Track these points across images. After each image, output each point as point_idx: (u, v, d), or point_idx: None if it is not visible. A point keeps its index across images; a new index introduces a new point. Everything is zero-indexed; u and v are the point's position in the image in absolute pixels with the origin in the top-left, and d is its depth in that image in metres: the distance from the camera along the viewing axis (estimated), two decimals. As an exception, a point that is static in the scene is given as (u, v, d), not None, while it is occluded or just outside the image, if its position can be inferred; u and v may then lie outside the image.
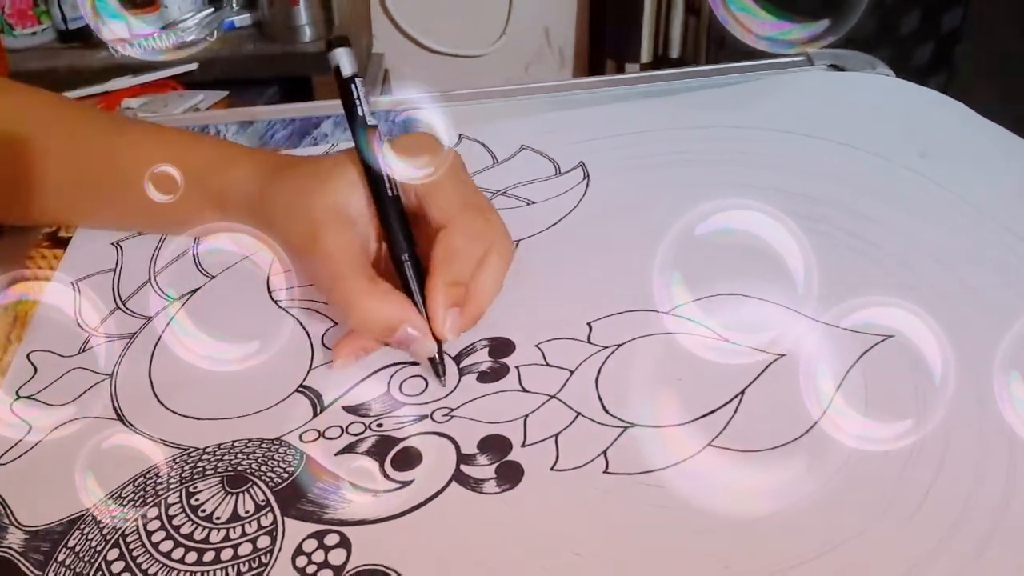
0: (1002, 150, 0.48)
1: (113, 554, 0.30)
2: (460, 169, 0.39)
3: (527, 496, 0.31)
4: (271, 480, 0.32)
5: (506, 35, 1.62)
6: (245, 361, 0.38)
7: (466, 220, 0.37)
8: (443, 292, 0.36)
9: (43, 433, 0.35)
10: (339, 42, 0.39)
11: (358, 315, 0.35)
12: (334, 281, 0.36)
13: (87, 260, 0.44)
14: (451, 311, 0.36)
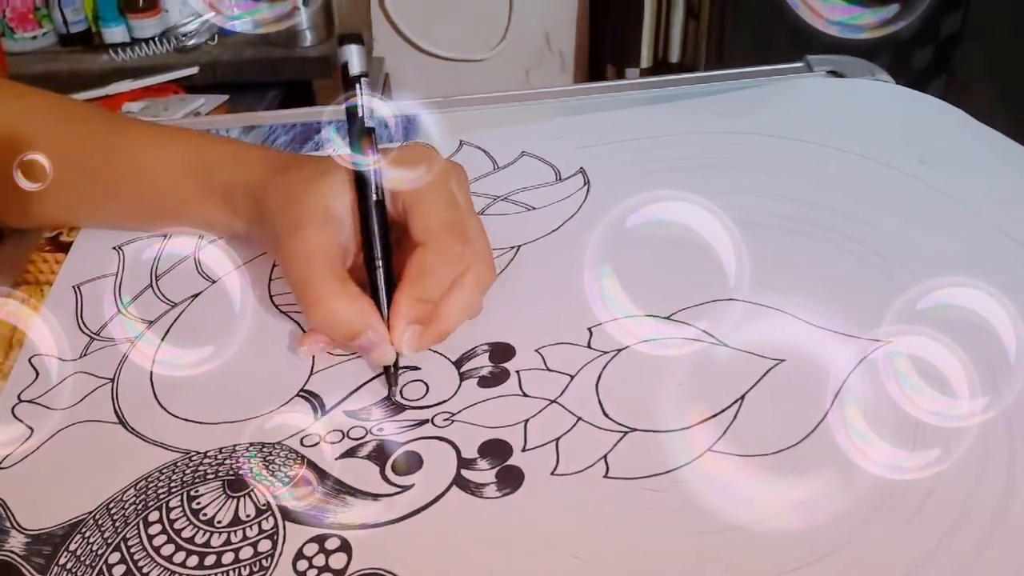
0: (1001, 156, 0.48)
1: (114, 557, 0.30)
2: (452, 186, 0.39)
3: (527, 500, 0.31)
4: (272, 484, 0.32)
5: (506, 39, 1.62)
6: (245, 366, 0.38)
7: (443, 241, 0.37)
8: (407, 306, 0.36)
9: (45, 437, 0.35)
10: (352, 39, 0.38)
11: (321, 315, 0.36)
12: (304, 279, 0.36)
13: (89, 264, 0.44)
14: (412, 327, 0.36)
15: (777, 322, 0.38)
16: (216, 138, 0.45)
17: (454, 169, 0.40)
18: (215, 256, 0.44)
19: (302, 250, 0.37)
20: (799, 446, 0.32)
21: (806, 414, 0.33)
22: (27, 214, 0.46)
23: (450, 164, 0.40)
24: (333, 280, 0.36)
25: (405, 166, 0.38)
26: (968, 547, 0.28)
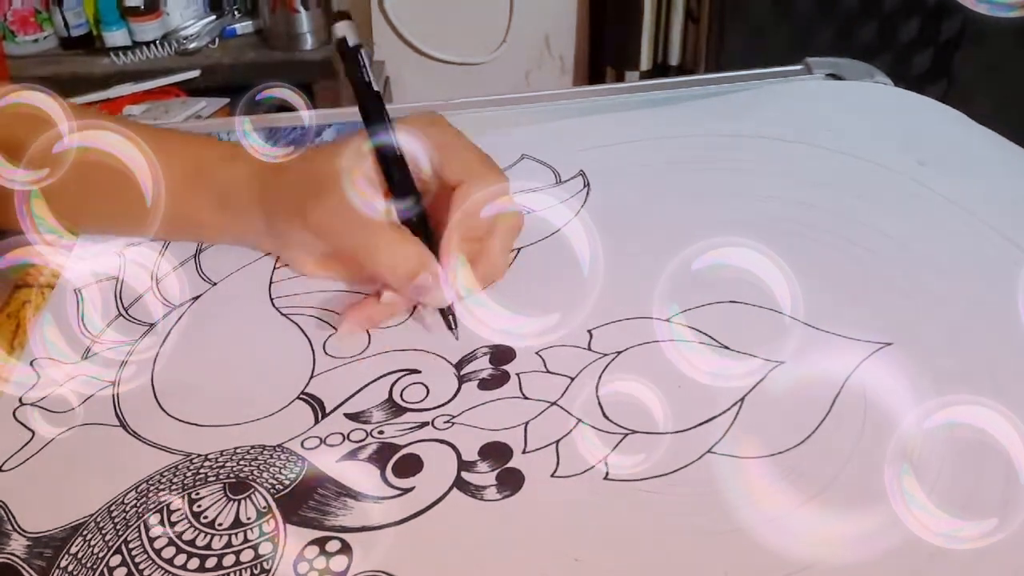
0: (1000, 157, 0.48)
1: (116, 560, 0.30)
2: (470, 142, 0.40)
3: (528, 503, 0.31)
4: (273, 487, 0.32)
5: (507, 43, 1.62)
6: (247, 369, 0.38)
7: (484, 173, 0.38)
8: (456, 243, 0.37)
9: (46, 440, 0.35)
10: (341, 16, 0.40)
11: (386, 258, 0.37)
12: (364, 227, 0.37)
13: (89, 268, 0.44)
14: (463, 265, 0.38)
15: (777, 324, 0.38)
16: (209, 140, 0.45)
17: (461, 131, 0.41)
18: (216, 259, 0.44)
19: (343, 208, 0.38)
20: (799, 448, 0.32)
21: (806, 416, 0.33)
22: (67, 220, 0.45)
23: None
24: (390, 226, 0.37)
25: (420, 127, 0.39)
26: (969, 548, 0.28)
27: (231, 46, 1.42)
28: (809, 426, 0.33)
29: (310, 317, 0.40)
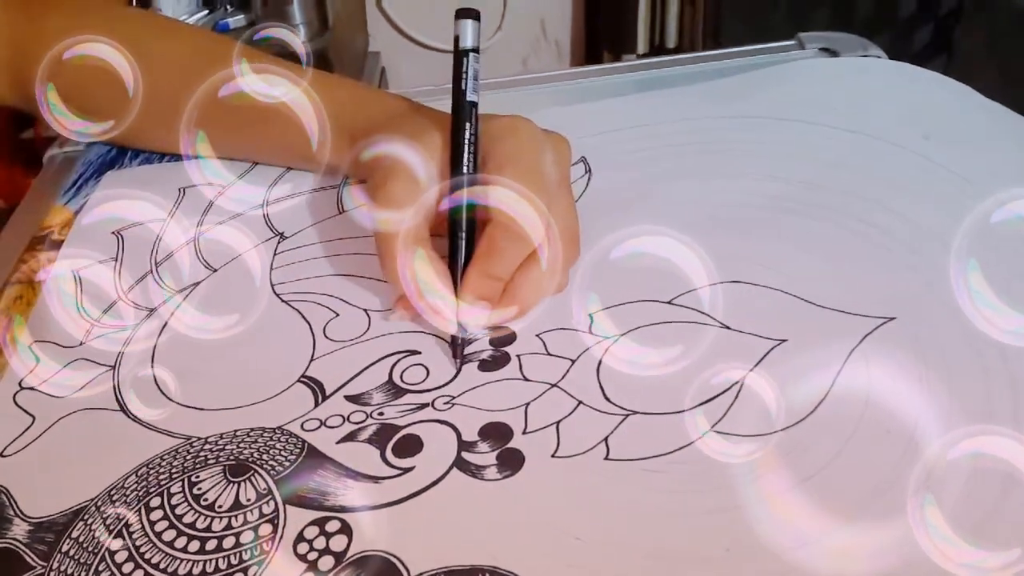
0: (1004, 129, 0.48)
1: (116, 544, 0.30)
2: (544, 162, 0.38)
3: (528, 482, 0.31)
4: (273, 468, 0.32)
5: (502, 29, 1.62)
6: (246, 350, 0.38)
7: (514, 217, 0.36)
8: (476, 282, 0.36)
9: (47, 424, 0.35)
10: (468, 13, 0.40)
11: (392, 272, 0.36)
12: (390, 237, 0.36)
13: (88, 249, 0.44)
14: (480, 304, 0.36)
15: (779, 303, 0.38)
16: (343, 80, 0.47)
17: (551, 142, 0.40)
18: (215, 243, 0.44)
19: (386, 204, 0.37)
20: (801, 425, 0.32)
21: (808, 394, 0.33)
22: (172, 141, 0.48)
23: (547, 137, 0.40)
24: (410, 240, 0.36)
25: (494, 136, 0.38)
26: (968, 523, 0.28)
27: (225, 37, 1.41)
28: (812, 403, 0.33)
29: (310, 302, 0.40)
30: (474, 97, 0.39)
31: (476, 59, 0.40)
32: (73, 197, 0.49)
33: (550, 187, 0.38)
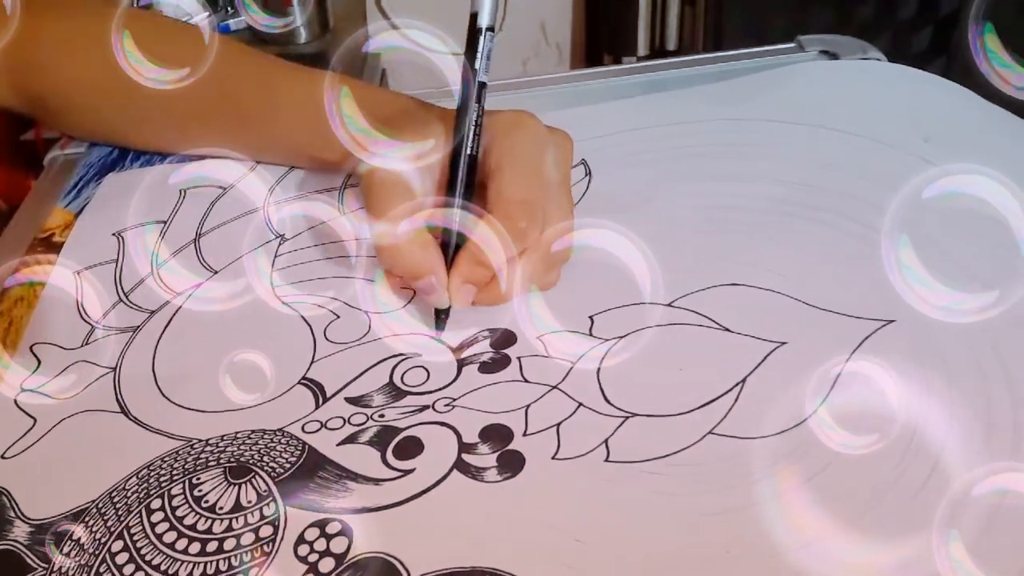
0: (1004, 131, 0.48)
1: (117, 545, 0.30)
2: (545, 159, 0.39)
3: (528, 484, 0.31)
4: (273, 470, 0.32)
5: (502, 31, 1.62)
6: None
7: (510, 215, 0.37)
8: (465, 268, 0.37)
9: (48, 426, 0.35)
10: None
11: (386, 250, 0.38)
12: (378, 212, 0.38)
13: (88, 251, 0.44)
14: (467, 286, 0.38)
15: (778, 305, 0.38)
16: (350, 81, 0.46)
17: (554, 139, 0.40)
18: (216, 245, 0.44)
19: (380, 184, 0.38)
20: (800, 427, 0.32)
21: (807, 396, 0.33)
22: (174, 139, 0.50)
23: (550, 134, 0.40)
24: (406, 218, 0.37)
25: (498, 130, 0.39)
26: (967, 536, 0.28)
27: (226, 40, 1.41)
28: (811, 406, 0.33)
29: (311, 304, 0.40)
30: (485, 78, 0.38)
31: (491, 38, 0.39)
32: (74, 199, 0.50)
33: (549, 186, 0.38)
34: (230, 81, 0.48)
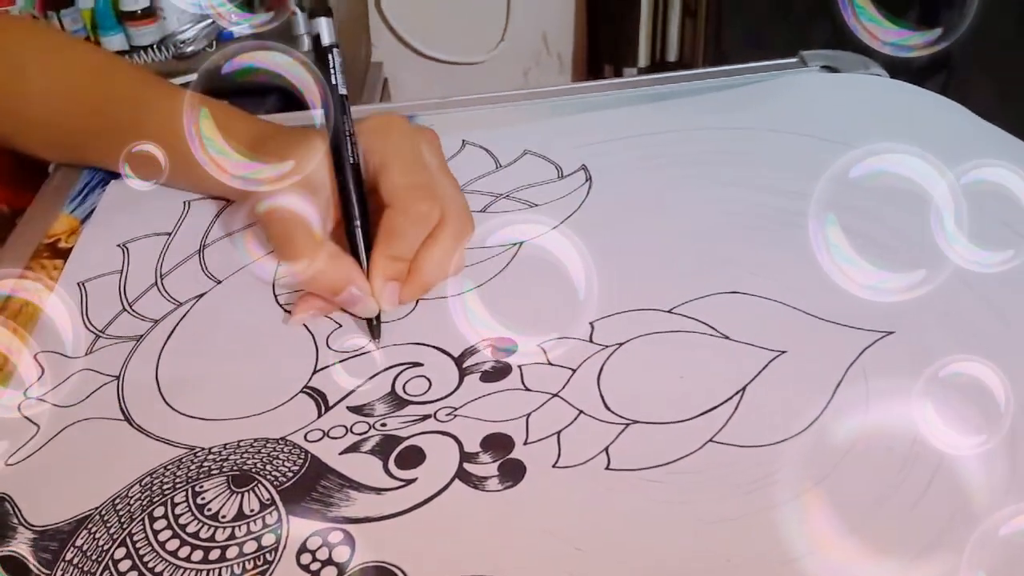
0: (1001, 150, 0.48)
1: (120, 553, 0.30)
2: (422, 150, 0.41)
3: (529, 493, 0.31)
4: (276, 479, 0.33)
5: (504, 41, 1.63)
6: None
7: (408, 201, 0.39)
8: (383, 264, 0.38)
9: (51, 434, 0.35)
10: (321, 11, 0.41)
11: (304, 272, 0.38)
12: (286, 239, 0.39)
13: (93, 262, 0.45)
14: (391, 284, 0.39)
15: (779, 314, 0.38)
16: (219, 104, 0.47)
17: (423, 134, 0.42)
18: (220, 256, 0.45)
19: (281, 211, 0.39)
20: (800, 437, 0.33)
21: (807, 405, 0.34)
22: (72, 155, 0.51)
23: (419, 130, 0.42)
24: (313, 239, 0.38)
25: (371, 133, 0.41)
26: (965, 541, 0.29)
27: (229, 48, 1.42)
28: (811, 415, 0.33)
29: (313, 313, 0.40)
30: (344, 90, 0.41)
31: (339, 54, 0.41)
32: (80, 205, 0.50)
33: (433, 172, 0.41)
34: (103, 97, 0.48)
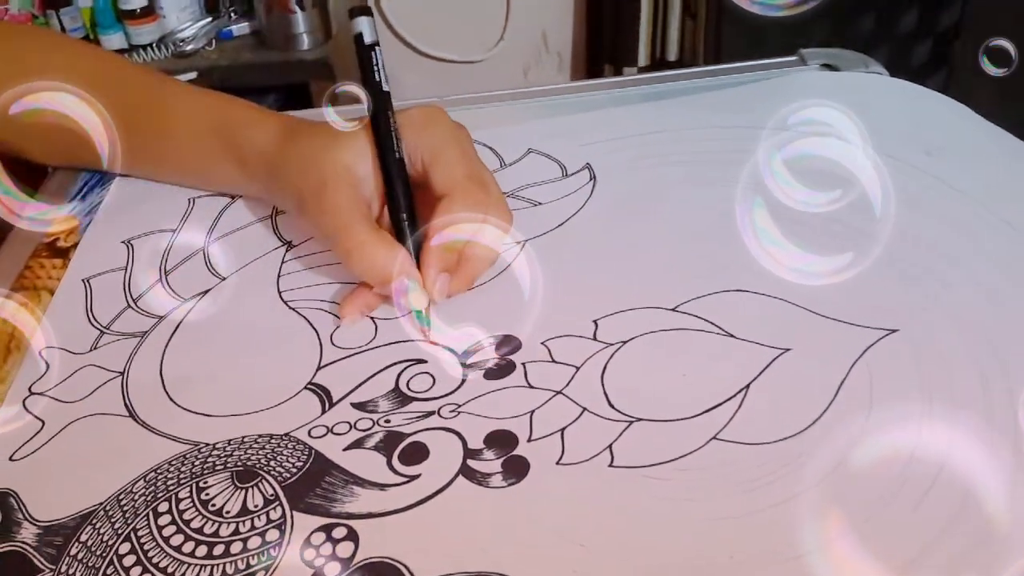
0: (1002, 149, 0.48)
1: (124, 548, 0.31)
2: (466, 143, 0.41)
3: (533, 490, 0.31)
4: (280, 475, 0.33)
5: (504, 40, 1.63)
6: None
7: (467, 189, 0.39)
8: (436, 255, 0.38)
9: (56, 429, 0.35)
10: (361, 11, 0.41)
11: (360, 262, 0.38)
12: (339, 230, 0.39)
13: (98, 258, 0.45)
14: (442, 275, 0.39)
15: (782, 312, 0.38)
16: (239, 101, 0.47)
17: (460, 127, 0.42)
18: (224, 252, 0.45)
19: (333, 205, 0.39)
20: (804, 434, 0.33)
21: (811, 403, 0.34)
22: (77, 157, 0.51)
23: (456, 123, 0.42)
24: (367, 230, 0.38)
25: (417, 126, 0.41)
26: (967, 539, 0.29)
27: (228, 48, 1.43)
28: (815, 412, 0.33)
29: (318, 310, 0.40)
30: (387, 87, 0.41)
31: (380, 52, 0.41)
32: (79, 204, 0.50)
33: (481, 166, 0.41)
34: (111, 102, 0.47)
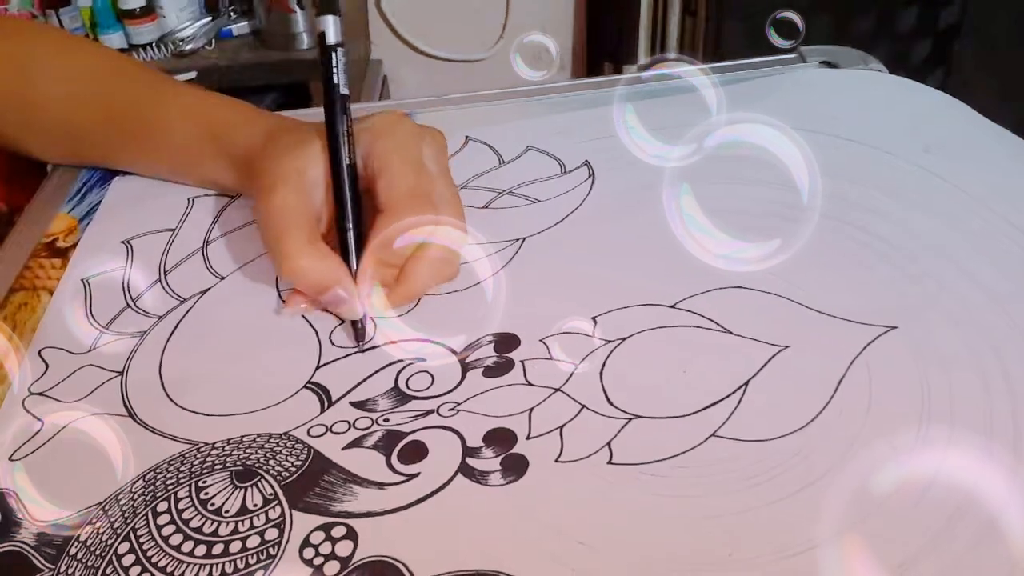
0: (1002, 147, 0.48)
1: (124, 547, 0.31)
2: (422, 152, 0.40)
3: (532, 487, 0.31)
4: (279, 474, 0.33)
5: (504, 39, 1.63)
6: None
7: (406, 207, 0.38)
8: (372, 268, 0.38)
9: (55, 429, 0.35)
10: (328, 8, 0.40)
11: (289, 270, 0.38)
12: (276, 235, 0.38)
13: (97, 258, 0.45)
14: (377, 288, 0.39)
15: (781, 309, 0.38)
16: (232, 101, 0.47)
17: (428, 135, 0.41)
18: (223, 252, 0.45)
19: (275, 208, 0.38)
20: (802, 431, 0.33)
21: (810, 400, 0.34)
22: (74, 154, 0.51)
23: (423, 130, 0.41)
24: (303, 237, 0.38)
25: (374, 133, 0.40)
26: (966, 539, 0.29)
27: (227, 47, 1.42)
28: (813, 410, 0.33)
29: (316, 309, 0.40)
30: (346, 90, 0.40)
31: (343, 53, 0.41)
32: (78, 204, 0.50)
33: (433, 178, 0.40)
34: (112, 98, 0.48)
